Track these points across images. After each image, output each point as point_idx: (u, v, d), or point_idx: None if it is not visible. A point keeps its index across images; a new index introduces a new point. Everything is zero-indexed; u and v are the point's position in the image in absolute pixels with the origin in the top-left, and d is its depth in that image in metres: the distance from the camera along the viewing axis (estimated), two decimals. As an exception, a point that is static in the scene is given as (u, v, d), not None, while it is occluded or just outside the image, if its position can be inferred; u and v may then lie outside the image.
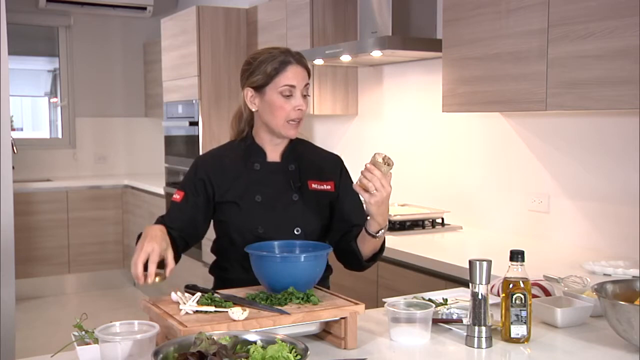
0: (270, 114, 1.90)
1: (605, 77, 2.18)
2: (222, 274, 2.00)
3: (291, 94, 1.88)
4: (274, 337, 1.28)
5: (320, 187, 1.95)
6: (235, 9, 4.72)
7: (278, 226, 1.90)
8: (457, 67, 2.79)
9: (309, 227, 1.94)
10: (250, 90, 1.92)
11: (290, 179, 1.94)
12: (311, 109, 3.97)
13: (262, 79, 1.88)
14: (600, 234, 2.70)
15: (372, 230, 1.82)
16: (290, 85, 1.87)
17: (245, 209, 1.90)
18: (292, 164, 1.96)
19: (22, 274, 5.07)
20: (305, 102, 1.90)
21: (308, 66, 1.94)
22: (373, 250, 1.90)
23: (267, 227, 1.89)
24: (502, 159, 3.14)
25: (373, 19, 3.40)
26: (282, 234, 1.87)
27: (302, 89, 1.89)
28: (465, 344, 1.56)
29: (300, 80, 1.89)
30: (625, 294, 1.63)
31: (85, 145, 6.36)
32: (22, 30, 6.02)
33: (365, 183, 1.72)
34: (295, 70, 1.88)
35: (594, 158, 2.71)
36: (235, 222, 1.92)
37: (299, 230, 1.92)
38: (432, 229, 3.17)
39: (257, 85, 1.90)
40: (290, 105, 1.88)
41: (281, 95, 1.87)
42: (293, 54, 1.92)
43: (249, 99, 1.93)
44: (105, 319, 1.62)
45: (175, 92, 5.06)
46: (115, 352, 1.31)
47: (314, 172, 1.97)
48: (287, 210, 1.92)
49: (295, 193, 1.94)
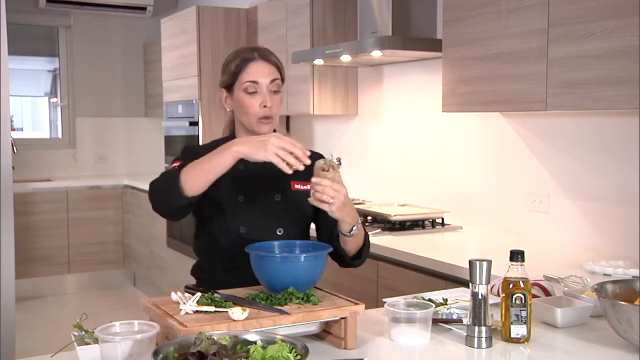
0: (241, 113, 1.90)
1: (605, 77, 2.18)
2: (203, 275, 1.98)
3: (256, 91, 1.87)
4: (274, 337, 1.28)
5: (303, 188, 1.92)
6: (235, 9, 4.72)
7: (260, 226, 1.88)
8: (457, 67, 2.79)
9: (292, 228, 1.93)
10: (223, 91, 1.94)
11: (273, 179, 1.92)
12: (311, 109, 3.97)
13: (229, 78, 1.90)
14: (600, 234, 2.70)
15: (345, 230, 1.81)
16: (252, 82, 1.86)
17: (228, 208, 1.89)
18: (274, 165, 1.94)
19: (22, 274, 5.07)
20: (273, 99, 1.88)
21: (276, 62, 1.92)
22: (357, 247, 1.89)
23: (250, 227, 1.88)
24: (502, 159, 3.14)
25: (373, 19, 3.40)
26: (264, 234, 1.86)
27: (268, 84, 1.87)
28: (465, 344, 1.56)
29: (264, 76, 1.87)
30: (625, 294, 1.63)
31: (85, 145, 6.36)
32: (22, 30, 6.02)
33: (319, 196, 1.68)
34: (258, 66, 1.87)
35: (594, 158, 2.71)
36: (217, 221, 1.90)
37: (282, 231, 1.91)
38: (432, 229, 3.17)
39: (226, 85, 1.92)
40: (256, 102, 1.87)
41: (246, 92, 1.87)
42: (259, 50, 1.91)
43: (223, 100, 1.95)
44: (105, 319, 1.62)
45: (175, 92, 5.06)
46: (115, 352, 1.31)
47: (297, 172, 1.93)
48: (270, 210, 1.91)
49: (278, 193, 1.93)
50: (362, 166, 4.08)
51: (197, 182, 1.67)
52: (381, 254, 2.80)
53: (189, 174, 1.67)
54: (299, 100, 4.05)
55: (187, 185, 1.66)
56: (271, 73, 1.89)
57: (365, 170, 4.05)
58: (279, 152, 1.61)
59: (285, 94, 4.15)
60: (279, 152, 1.61)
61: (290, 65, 4.01)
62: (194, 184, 1.67)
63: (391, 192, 3.79)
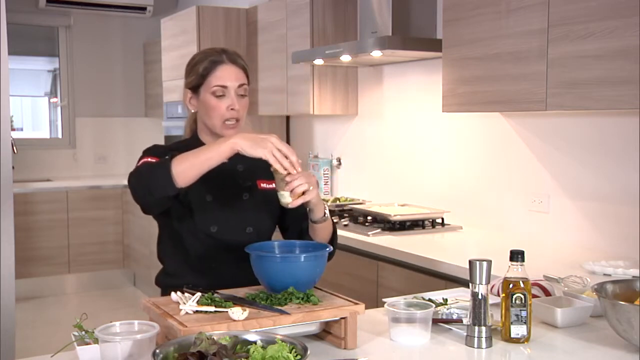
0: (206, 115, 1.89)
1: (605, 77, 2.18)
2: (170, 281, 1.88)
3: (224, 94, 1.87)
4: (274, 337, 1.28)
5: (269, 187, 1.92)
6: (235, 9, 4.72)
7: (230, 225, 1.88)
8: (457, 67, 2.79)
9: (262, 227, 1.94)
10: (188, 91, 1.92)
11: (240, 178, 1.93)
12: (311, 109, 3.97)
13: (196, 80, 1.89)
14: (600, 234, 2.70)
15: (319, 216, 1.82)
16: (221, 86, 1.86)
17: (197, 208, 1.87)
18: (240, 164, 1.93)
19: (22, 274, 5.07)
20: (240, 102, 1.88)
21: (244, 65, 1.92)
22: (328, 234, 1.90)
23: (220, 226, 1.87)
24: (502, 159, 3.14)
25: (373, 19, 3.40)
26: (234, 233, 1.86)
27: (235, 88, 1.88)
28: (465, 344, 1.56)
29: (232, 80, 1.87)
30: (625, 294, 1.63)
31: (85, 145, 6.36)
32: (22, 30, 6.02)
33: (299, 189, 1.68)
34: (226, 70, 1.87)
35: (594, 158, 2.71)
36: (186, 221, 1.88)
37: (251, 230, 1.91)
38: (432, 229, 3.17)
39: (192, 86, 1.90)
40: (223, 105, 1.86)
41: (213, 95, 1.86)
42: (228, 52, 1.91)
43: (187, 100, 1.93)
44: (105, 319, 1.62)
45: (175, 92, 5.06)
46: (115, 352, 1.31)
47: (262, 171, 1.89)
48: (238, 209, 1.91)
49: (246, 192, 1.93)
50: (362, 166, 4.08)
51: (191, 172, 1.65)
52: (381, 254, 2.80)
53: (182, 164, 1.64)
54: (299, 100, 4.05)
55: (180, 176, 1.64)
56: (239, 77, 1.89)
57: (365, 170, 4.05)
58: (276, 153, 1.62)
59: (285, 94, 4.15)
60: (276, 153, 1.62)
61: (290, 65, 4.01)
62: (187, 174, 1.64)
63: (391, 192, 3.79)
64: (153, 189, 1.67)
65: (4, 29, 3.16)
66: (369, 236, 2.96)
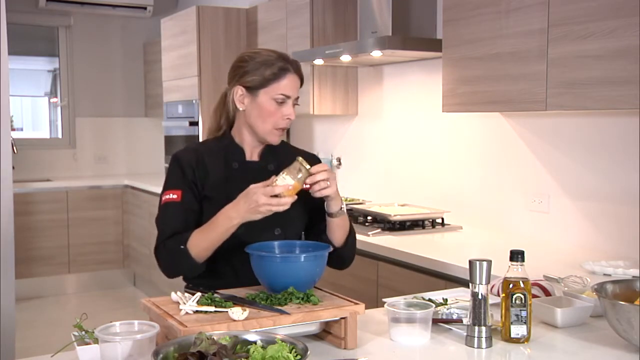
0: (259, 118, 1.88)
1: (605, 77, 2.18)
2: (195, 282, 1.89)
3: (284, 102, 1.87)
4: (274, 337, 1.28)
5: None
6: (235, 9, 4.72)
7: (258, 227, 1.84)
8: (457, 67, 2.79)
9: (290, 228, 1.93)
10: (242, 89, 1.89)
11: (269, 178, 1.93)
12: (311, 109, 3.97)
13: (258, 81, 1.86)
14: (600, 234, 2.70)
15: (335, 209, 1.83)
16: (285, 95, 1.87)
17: None
18: (271, 163, 1.94)
19: (22, 274, 5.07)
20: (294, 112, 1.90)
21: (302, 75, 1.94)
22: (345, 234, 1.89)
23: (248, 227, 1.83)
24: (502, 159, 3.14)
25: (373, 19, 3.40)
26: (262, 234, 1.84)
27: (294, 99, 1.90)
28: (465, 344, 1.56)
29: (295, 91, 1.89)
30: (625, 294, 1.63)
31: (85, 145, 6.36)
32: (22, 30, 6.02)
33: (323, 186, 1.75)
34: (292, 80, 1.88)
35: (594, 158, 2.71)
36: None
37: (279, 231, 1.90)
38: (432, 229, 3.17)
39: (250, 85, 1.87)
40: (280, 112, 1.87)
41: (275, 102, 1.86)
42: (291, 61, 1.90)
43: (237, 97, 1.89)
44: (105, 319, 1.62)
45: (175, 92, 5.06)
46: (115, 352, 1.31)
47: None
48: None
49: None
50: (362, 166, 4.08)
51: (206, 252, 1.79)
52: (381, 254, 2.80)
53: (197, 247, 1.78)
54: (299, 100, 4.04)
55: (198, 257, 1.79)
56: (298, 88, 1.92)
57: (365, 170, 4.05)
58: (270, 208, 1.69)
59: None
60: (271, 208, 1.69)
61: (290, 65, 4.01)
62: (204, 254, 1.80)
63: (391, 192, 3.79)
64: (181, 273, 1.88)
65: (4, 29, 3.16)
66: (369, 236, 2.96)
